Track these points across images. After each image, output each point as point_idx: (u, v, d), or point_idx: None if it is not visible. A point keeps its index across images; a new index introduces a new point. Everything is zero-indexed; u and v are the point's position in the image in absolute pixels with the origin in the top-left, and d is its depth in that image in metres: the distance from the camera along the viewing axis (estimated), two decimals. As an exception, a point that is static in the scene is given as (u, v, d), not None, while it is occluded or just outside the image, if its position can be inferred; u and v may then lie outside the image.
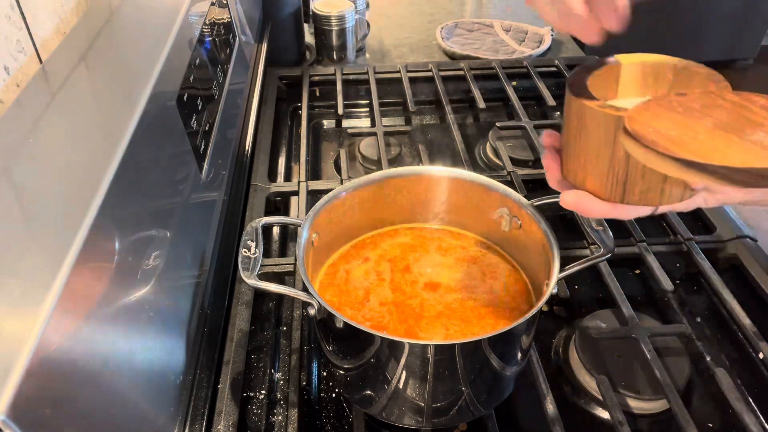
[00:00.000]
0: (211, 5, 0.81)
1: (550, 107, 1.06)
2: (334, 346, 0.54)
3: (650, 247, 0.74)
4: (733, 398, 0.58)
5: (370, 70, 1.10)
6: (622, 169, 0.39)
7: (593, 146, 0.40)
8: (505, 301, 0.59)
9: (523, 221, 0.60)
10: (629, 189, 0.40)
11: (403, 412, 0.54)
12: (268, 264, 0.71)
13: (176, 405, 0.51)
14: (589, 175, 0.41)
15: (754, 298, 0.70)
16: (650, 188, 0.39)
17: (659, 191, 0.39)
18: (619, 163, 0.39)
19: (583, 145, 0.41)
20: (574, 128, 0.41)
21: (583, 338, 0.64)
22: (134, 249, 0.47)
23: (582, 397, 0.62)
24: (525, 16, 1.42)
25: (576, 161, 0.42)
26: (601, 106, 0.38)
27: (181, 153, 0.61)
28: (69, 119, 0.50)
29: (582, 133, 0.40)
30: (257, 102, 0.99)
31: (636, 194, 0.40)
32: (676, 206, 0.40)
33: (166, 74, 0.59)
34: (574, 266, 0.54)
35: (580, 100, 0.39)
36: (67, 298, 0.36)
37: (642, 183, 0.39)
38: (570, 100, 0.41)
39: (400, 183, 0.64)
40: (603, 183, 0.41)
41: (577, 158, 0.42)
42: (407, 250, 0.65)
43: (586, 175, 0.42)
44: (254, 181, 0.84)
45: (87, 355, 0.38)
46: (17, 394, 0.31)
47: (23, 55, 0.57)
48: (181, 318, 0.55)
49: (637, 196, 0.40)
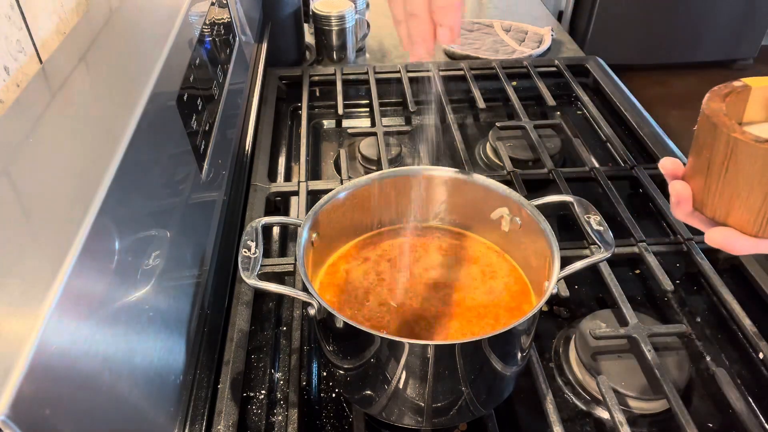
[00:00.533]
0: (211, 5, 0.81)
1: (550, 107, 1.06)
2: (334, 346, 0.54)
3: (650, 247, 0.74)
4: (733, 398, 0.58)
5: (370, 70, 1.10)
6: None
7: (745, 182, 0.38)
8: (505, 301, 0.59)
9: (523, 221, 0.60)
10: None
11: (403, 412, 0.54)
12: (268, 264, 0.71)
13: (176, 405, 0.51)
14: (736, 209, 0.39)
15: (754, 298, 0.70)
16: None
17: None
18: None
19: (731, 179, 0.39)
20: (720, 162, 0.39)
21: (583, 338, 0.64)
22: (134, 249, 0.47)
23: (582, 397, 0.62)
24: (525, 16, 1.42)
25: (719, 196, 0.40)
26: (758, 140, 0.37)
27: (181, 153, 0.61)
28: (69, 119, 0.50)
29: (731, 167, 0.38)
30: (257, 102, 0.99)
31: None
32: None
33: (166, 74, 0.59)
34: (574, 266, 0.54)
35: (732, 134, 0.37)
36: (67, 298, 0.36)
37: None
38: (716, 132, 0.38)
39: (400, 183, 0.64)
40: (752, 219, 0.39)
41: (721, 193, 0.40)
42: (407, 250, 0.65)
43: (731, 209, 0.40)
44: (254, 181, 0.84)
45: (87, 355, 0.38)
46: (17, 394, 0.31)
47: (23, 55, 0.57)
48: (181, 318, 0.55)
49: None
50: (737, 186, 0.39)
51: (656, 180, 0.85)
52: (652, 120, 1.00)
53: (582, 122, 1.06)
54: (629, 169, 0.89)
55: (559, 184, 0.84)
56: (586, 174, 0.88)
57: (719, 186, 0.40)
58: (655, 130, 0.97)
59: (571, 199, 0.61)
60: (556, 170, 0.87)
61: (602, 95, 1.11)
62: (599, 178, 0.86)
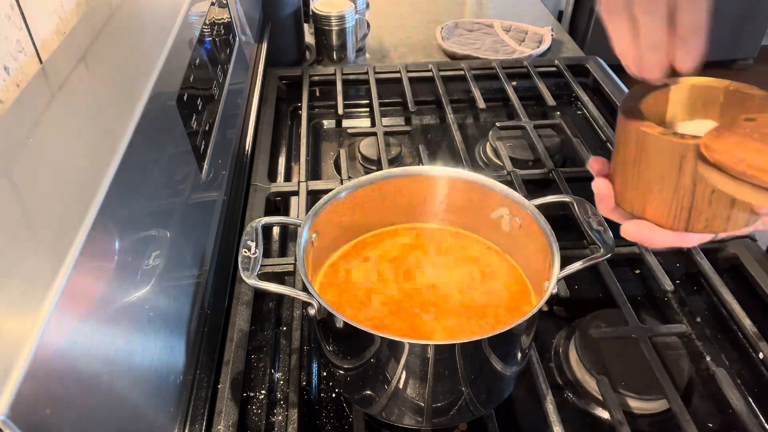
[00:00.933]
0: (211, 5, 0.81)
1: (550, 107, 1.06)
2: (334, 346, 0.54)
3: (650, 247, 0.74)
4: (733, 398, 0.58)
5: (370, 70, 1.10)
6: (687, 198, 0.37)
7: (655, 175, 0.38)
8: (505, 301, 0.59)
9: (523, 221, 0.60)
10: (694, 217, 0.38)
11: (403, 412, 0.54)
12: (268, 264, 0.71)
13: (176, 405, 0.51)
14: (650, 203, 0.40)
15: (754, 298, 0.70)
16: (716, 215, 0.37)
17: (725, 218, 0.37)
18: (684, 192, 0.37)
19: (643, 173, 0.39)
20: (633, 157, 0.39)
21: (583, 338, 0.64)
22: (134, 249, 0.47)
23: (582, 397, 0.62)
24: (525, 16, 1.42)
25: (634, 190, 0.40)
26: (664, 133, 0.37)
27: (181, 153, 0.61)
28: (69, 119, 0.50)
29: (643, 162, 0.39)
30: (257, 102, 0.99)
31: (701, 222, 0.38)
32: (738, 232, 0.39)
33: (166, 74, 0.59)
34: (574, 266, 0.54)
35: (641, 127, 0.38)
36: (67, 298, 0.36)
37: (708, 210, 0.37)
38: (628, 128, 0.39)
39: (400, 183, 0.64)
40: (665, 212, 0.39)
41: (636, 187, 0.40)
42: (407, 250, 0.65)
43: (646, 203, 0.40)
44: (254, 181, 0.84)
45: (87, 355, 0.38)
46: (17, 394, 0.31)
47: (23, 55, 0.57)
48: (181, 318, 0.55)
49: (703, 224, 0.38)
50: (649, 180, 0.39)
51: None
52: (652, 120, 1.00)
53: (582, 122, 1.06)
54: (629, 169, 0.89)
55: (559, 184, 0.84)
56: (586, 174, 0.88)
57: (634, 180, 0.40)
58: (655, 130, 0.97)
59: (571, 199, 0.61)
60: (556, 170, 0.87)
61: (602, 95, 1.10)
62: (599, 178, 0.86)
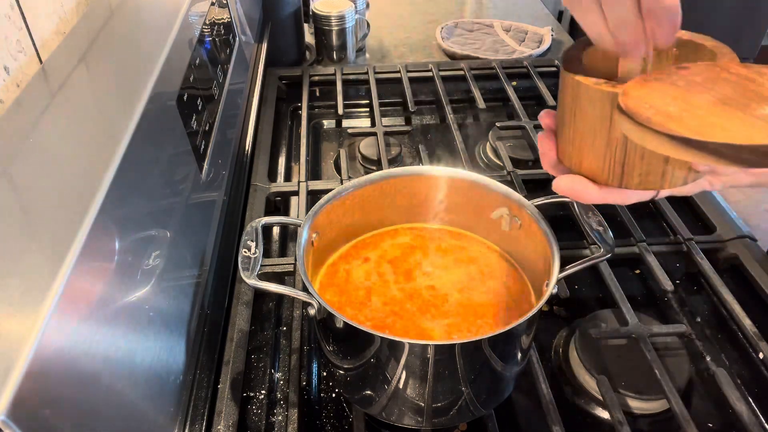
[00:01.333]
0: (211, 5, 0.81)
1: (550, 107, 1.06)
2: (334, 346, 0.54)
3: (650, 247, 0.74)
4: (733, 398, 0.58)
5: (370, 70, 1.10)
6: (619, 151, 0.36)
7: (588, 126, 0.37)
8: (505, 301, 0.59)
9: (523, 221, 0.60)
10: (628, 172, 0.37)
11: (403, 412, 0.54)
12: (268, 264, 0.71)
13: (176, 405, 0.51)
14: (585, 158, 0.38)
15: (754, 298, 0.70)
16: (650, 171, 0.36)
17: (660, 174, 0.36)
18: (616, 144, 0.36)
19: (578, 125, 0.38)
20: (569, 108, 0.38)
21: (583, 338, 0.64)
22: (134, 249, 0.47)
23: (582, 397, 0.62)
24: (525, 16, 1.42)
25: (571, 143, 0.39)
26: (597, 83, 0.35)
27: (181, 153, 0.61)
28: (69, 119, 0.50)
29: (577, 113, 0.37)
30: (257, 102, 0.99)
31: (635, 177, 0.37)
32: (679, 190, 0.38)
33: (166, 74, 0.59)
34: (574, 266, 0.54)
35: (574, 76, 0.36)
36: (67, 298, 0.36)
37: (641, 165, 0.36)
38: (564, 77, 0.38)
39: (400, 183, 0.64)
40: (600, 166, 0.38)
41: (572, 140, 0.39)
42: (407, 250, 0.65)
43: (582, 158, 0.39)
44: (254, 181, 0.84)
45: (87, 355, 0.38)
46: (17, 394, 0.31)
47: (23, 55, 0.57)
48: (181, 318, 0.55)
49: (637, 180, 0.37)
50: (584, 132, 0.38)
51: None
52: (652, 120, 1.00)
53: (582, 122, 1.06)
54: (629, 169, 0.88)
55: (559, 184, 0.84)
56: (586, 174, 0.88)
57: (570, 133, 0.39)
58: (655, 130, 0.97)
59: (571, 199, 0.61)
60: (556, 170, 0.87)
61: (602, 95, 1.10)
62: (599, 178, 0.86)
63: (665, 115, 0.31)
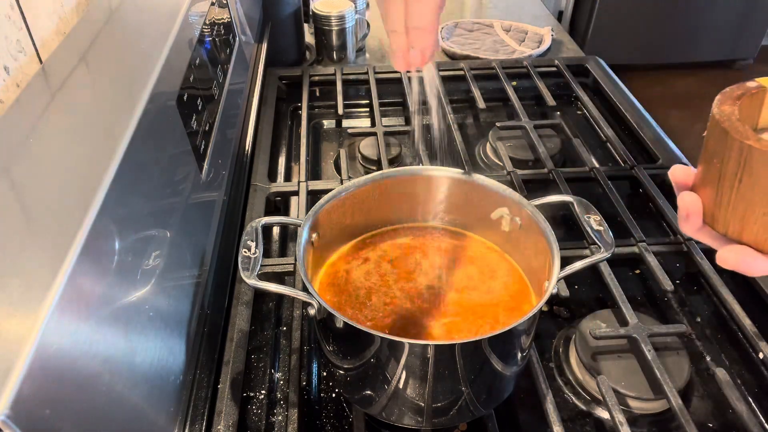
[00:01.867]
0: (211, 5, 0.81)
1: (550, 107, 1.06)
2: (334, 346, 0.54)
3: (650, 247, 0.74)
4: (733, 398, 0.58)
5: (370, 70, 1.10)
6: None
7: (760, 194, 0.34)
8: (505, 301, 0.59)
9: (523, 221, 0.60)
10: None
11: (403, 412, 0.54)
12: (268, 264, 0.71)
13: (176, 405, 0.51)
14: (750, 225, 0.36)
15: (754, 298, 0.70)
16: None
17: None
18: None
19: (745, 192, 0.35)
20: (732, 171, 0.35)
21: (583, 338, 0.64)
22: (134, 249, 0.47)
23: (582, 397, 0.62)
24: (525, 16, 1.42)
25: (732, 210, 0.36)
26: None
27: (181, 153, 0.61)
28: (69, 119, 0.50)
29: (745, 178, 0.34)
30: (257, 102, 0.99)
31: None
32: None
33: (166, 74, 0.59)
34: (574, 266, 0.54)
35: (743, 140, 0.34)
36: (67, 298, 0.36)
37: None
38: (726, 139, 0.35)
39: (400, 183, 0.64)
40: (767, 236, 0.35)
41: (734, 206, 0.36)
42: (407, 250, 0.65)
43: (745, 225, 0.36)
44: (254, 181, 0.84)
45: (87, 355, 0.38)
46: (17, 394, 0.31)
47: (23, 55, 0.57)
48: (181, 318, 0.55)
49: None
50: (752, 199, 0.35)
51: (656, 180, 0.85)
52: (652, 120, 1.00)
53: (582, 122, 1.06)
54: (629, 169, 0.89)
55: (559, 184, 0.84)
56: (586, 174, 0.88)
57: (732, 199, 0.36)
58: (654, 130, 0.97)
59: (571, 199, 0.61)
60: (556, 170, 0.87)
61: (602, 95, 1.10)
62: (599, 178, 0.86)
63: None
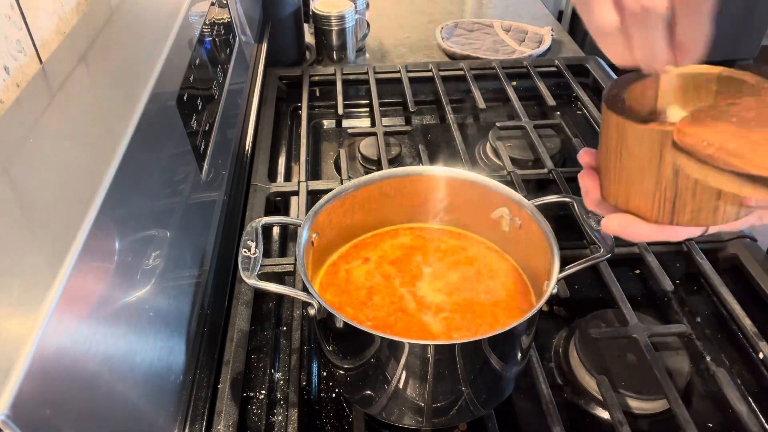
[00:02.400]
0: (211, 5, 0.81)
1: (550, 107, 1.06)
2: (334, 346, 0.54)
3: (650, 247, 0.74)
4: (733, 398, 0.58)
5: (370, 70, 1.10)
6: (670, 189, 0.36)
7: (636, 165, 0.37)
8: (505, 301, 0.59)
9: (523, 221, 0.60)
10: (679, 209, 0.37)
11: (403, 412, 0.54)
12: (268, 264, 0.71)
13: (176, 405, 0.51)
14: (633, 196, 0.38)
15: (754, 298, 0.70)
16: (702, 207, 0.36)
17: (712, 210, 0.36)
18: (667, 182, 0.36)
19: (625, 164, 0.38)
20: (614, 147, 0.38)
21: (583, 338, 0.64)
22: (134, 249, 0.47)
23: (582, 397, 0.62)
24: (525, 16, 1.42)
25: (617, 182, 0.39)
26: (644, 122, 0.35)
27: (181, 153, 0.61)
28: (69, 119, 0.50)
29: (623, 152, 0.37)
30: (257, 102, 0.99)
31: (687, 214, 0.37)
32: (729, 226, 0.37)
33: (166, 74, 0.59)
34: (574, 266, 0.54)
35: (620, 116, 0.36)
36: (67, 298, 0.36)
37: (693, 202, 0.36)
38: (608, 117, 0.38)
39: (400, 183, 0.64)
40: (649, 204, 0.38)
41: (619, 179, 0.39)
42: (407, 250, 0.65)
43: (629, 196, 0.39)
44: (254, 181, 0.84)
45: (87, 355, 0.38)
46: (17, 394, 0.31)
47: (23, 55, 0.57)
48: (181, 318, 0.55)
49: (688, 216, 0.37)
50: (631, 171, 0.38)
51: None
52: (652, 120, 1.00)
53: (582, 122, 1.06)
54: (629, 169, 0.88)
55: (559, 184, 0.84)
56: (586, 174, 0.88)
57: (616, 172, 0.39)
58: (655, 130, 0.97)
59: (571, 199, 0.61)
60: (556, 170, 0.87)
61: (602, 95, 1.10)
62: (599, 178, 0.86)
63: (726, 151, 0.31)
